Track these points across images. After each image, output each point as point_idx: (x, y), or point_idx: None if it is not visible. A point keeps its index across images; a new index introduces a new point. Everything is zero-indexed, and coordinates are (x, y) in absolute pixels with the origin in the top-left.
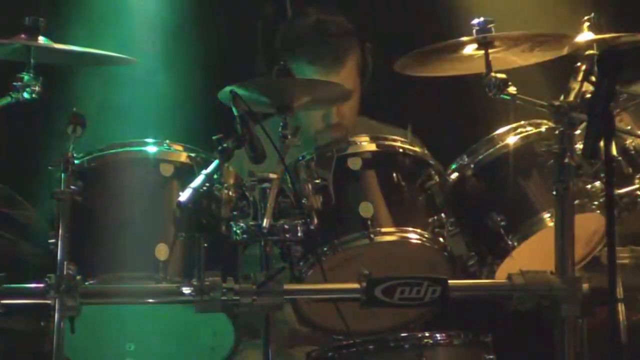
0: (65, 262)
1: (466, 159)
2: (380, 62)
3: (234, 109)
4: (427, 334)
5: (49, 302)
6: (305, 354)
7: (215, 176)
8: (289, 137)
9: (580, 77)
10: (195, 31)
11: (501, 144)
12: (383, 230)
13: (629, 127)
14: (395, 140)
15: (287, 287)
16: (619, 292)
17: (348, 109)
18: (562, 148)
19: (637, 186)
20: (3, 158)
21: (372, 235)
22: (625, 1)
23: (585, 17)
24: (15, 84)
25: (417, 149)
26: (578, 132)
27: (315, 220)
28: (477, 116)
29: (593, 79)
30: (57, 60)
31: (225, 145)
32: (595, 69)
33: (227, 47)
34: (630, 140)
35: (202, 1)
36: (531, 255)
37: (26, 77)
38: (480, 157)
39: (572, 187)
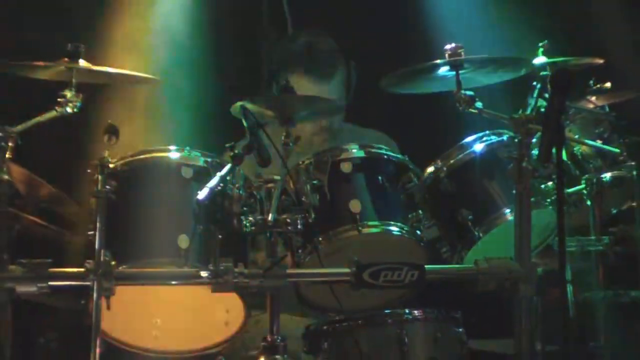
0: (102, 250)
1: (440, 163)
2: (364, 78)
3: (244, 121)
4: (406, 311)
5: (88, 283)
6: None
7: (228, 178)
8: (291, 144)
9: (535, 94)
10: (211, 51)
11: (469, 150)
12: (369, 223)
13: (576, 136)
14: (380, 148)
15: (289, 271)
16: (568, 274)
17: (334, 123)
18: (521, 154)
19: (583, 186)
20: (52, 163)
21: (360, 228)
22: (573, 29)
23: (540, 44)
24: (59, 100)
25: (399, 155)
26: (534, 140)
27: (313, 215)
28: (449, 127)
29: (546, 95)
30: (94, 79)
31: (236, 151)
32: (548, 87)
33: (238, 64)
34: (578, 147)
35: (218, 27)
36: (494, 244)
37: (69, 94)
38: (452, 161)
39: (529, 187)
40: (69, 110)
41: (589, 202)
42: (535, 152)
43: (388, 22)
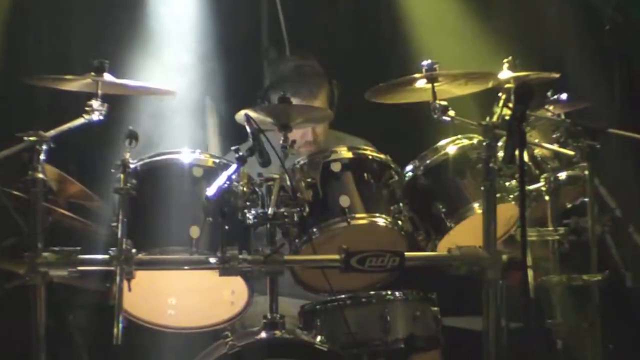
0: (124, 239)
1: (417, 163)
2: (351, 90)
3: (247, 127)
4: (389, 292)
5: (112, 268)
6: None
7: (233, 176)
8: (288, 148)
9: (501, 104)
10: (221, 67)
11: (443, 152)
12: (357, 216)
13: (536, 141)
14: (365, 150)
15: (287, 257)
16: (529, 260)
17: (321, 129)
18: (488, 155)
19: (542, 184)
20: (80, 164)
21: (349, 220)
22: (534, 47)
23: (505, 60)
24: (87, 108)
25: (381, 155)
26: (499, 144)
27: (307, 209)
28: (426, 132)
29: (510, 105)
30: (117, 90)
31: (240, 153)
32: (512, 97)
33: (243, 77)
34: (538, 150)
35: (228, 49)
36: (464, 234)
37: (95, 104)
38: (428, 161)
39: (495, 184)
40: (95, 117)
41: (547, 198)
42: (500, 154)
43: (373, 41)
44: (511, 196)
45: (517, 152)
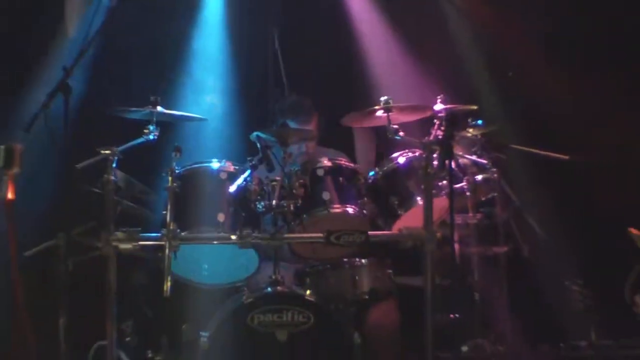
0: (171, 222)
1: (377, 169)
2: (331, 116)
3: (257, 144)
4: (357, 260)
5: (163, 243)
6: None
7: (248, 178)
8: (286, 158)
9: (436, 127)
10: (238, 102)
11: (395, 161)
12: (334, 206)
13: (460, 153)
14: (341, 160)
15: (285, 235)
16: (456, 237)
17: (311, 145)
18: (426, 164)
19: (464, 184)
20: (141, 170)
21: (329, 209)
22: (458, 87)
23: (438, 96)
24: (145, 131)
25: (352, 164)
26: (434, 155)
27: (300, 202)
28: (383, 146)
29: (442, 128)
30: (166, 118)
31: (253, 162)
32: (443, 123)
33: (255, 110)
34: (461, 160)
35: (242, 88)
36: (411, 219)
37: (151, 127)
38: (385, 168)
39: (431, 184)
40: (151, 137)
41: (468, 194)
42: (435, 162)
43: (347, 81)
44: (443, 192)
45: (446, 162)
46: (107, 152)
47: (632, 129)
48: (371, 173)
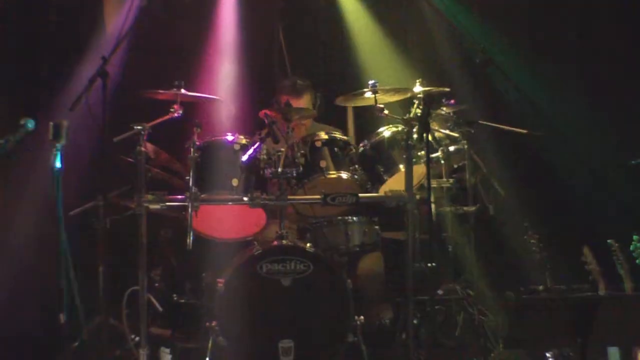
0: (193, 187)
1: (366, 141)
2: (325, 99)
3: (265, 120)
4: (349, 217)
5: (186, 204)
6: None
7: (257, 149)
8: (289, 132)
9: (415, 106)
10: (248, 85)
11: (381, 134)
12: (330, 172)
13: (436, 128)
14: (335, 133)
15: (289, 197)
16: (432, 198)
17: (308, 120)
18: (407, 137)
19: (439, 154)
20: (168, 142)
21: (326, 175)
22: (435, 71)
23: (417, 79)
24: (171, 110)
25: (344, 136)
26: (414, 130)
27: (301, 169)
28: (370, 123)
29: (421, 106)
30: (189, 99)
31: (261, 135)
32: (421, 102)
33: (262, 91)
34: (437, 134)
35: (252, 74)
36: (394, 183)
37: (176, 107)
38: (373, 140)
39: (411, 153)
40: (176, 114)
41: (442, 162)
42: (414, 136)
43: (341, 64)
44: (422, 160)
45: (424, 135)
46: (139, 127)
47: (577, 108)
48: (361, 144)
